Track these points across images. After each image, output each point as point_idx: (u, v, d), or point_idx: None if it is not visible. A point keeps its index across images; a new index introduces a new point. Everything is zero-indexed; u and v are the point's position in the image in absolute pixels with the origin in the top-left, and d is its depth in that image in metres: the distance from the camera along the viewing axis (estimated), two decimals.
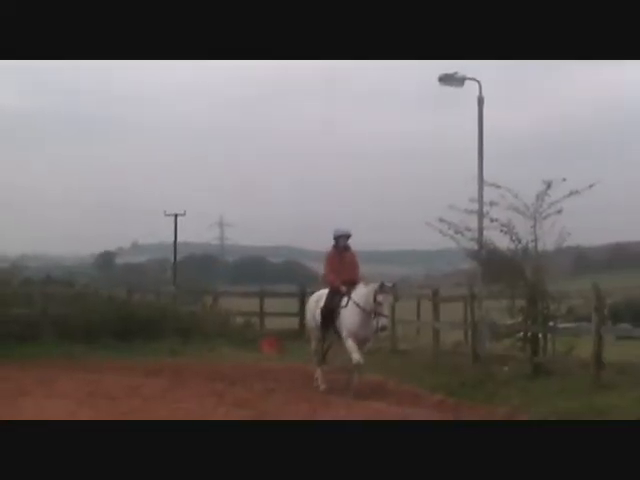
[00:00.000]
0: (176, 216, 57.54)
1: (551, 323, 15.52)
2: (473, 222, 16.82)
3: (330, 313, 14.69)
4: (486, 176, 17.37)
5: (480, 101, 18.68)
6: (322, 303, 15.00)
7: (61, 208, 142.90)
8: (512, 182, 16.23)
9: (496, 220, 16.03)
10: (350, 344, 14.24)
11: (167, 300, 25.58)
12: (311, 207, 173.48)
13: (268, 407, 12.34)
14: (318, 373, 15.14)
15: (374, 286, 14.12)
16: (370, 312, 14.06)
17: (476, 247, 16.90)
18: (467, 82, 18.68)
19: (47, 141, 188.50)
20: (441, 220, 16.03)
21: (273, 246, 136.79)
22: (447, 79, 18.61)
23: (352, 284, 14.61)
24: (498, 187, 15.84)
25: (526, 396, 13.13)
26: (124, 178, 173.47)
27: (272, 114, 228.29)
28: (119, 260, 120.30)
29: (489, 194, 16.51)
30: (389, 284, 14.37)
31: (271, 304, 26.19)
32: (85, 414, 11.29)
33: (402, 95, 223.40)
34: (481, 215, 16.79)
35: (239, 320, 24.57)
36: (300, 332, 23.93)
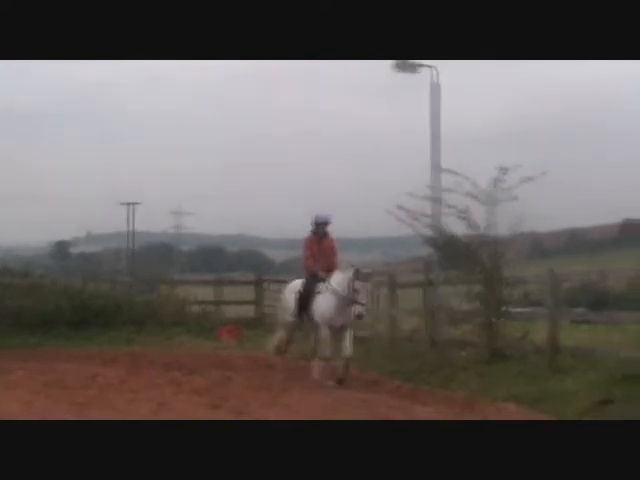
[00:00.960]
0: (131, 205, 57.20)
1: (504, 308, 15.60)
2: (430, 209, 16.88)
3: (306, 299, 14.52)
4: (446, 163, 17.44)
5: (435, 87, 18.74)
6: (299, 290, 14.83)
7: (16, 198, 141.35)
8: (474, 169, 16.34)
9: (453, 207, 16.09)
10: (323, 333, 14.15)
11: (123, 289, 25.44)
12: (265, 194, 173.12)
13: (226, 394, 12.30)
14: (279, 361, 15.20)
15: (350, 272, 13.97)
16: (347, 299, 13.87)
17: (433, 233, 16.95)
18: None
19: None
20: (399, 207, 16.03)
21: (230, 234, 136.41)
22: (402, 66, 18.63)
23: (330, 271, 14.48)
24: (455, 174, 15.89)
25: (484, 381, 13.23)
26: (79, 166, 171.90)
27: (226, 98, 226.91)
28: (74, 250, 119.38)
29: (447, 181, 16.57)
30: (366, 270, 14.27)
31: (228, 292, 26.13)
32: (41, 404, 11.19)
33: (359, 81, 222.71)
34: (438, 201, 16.83)
35: (196, 308, 24.48)
36: (257, 320, 23.93)
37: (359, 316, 13.91)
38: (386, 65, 18.95)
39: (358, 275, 13.81)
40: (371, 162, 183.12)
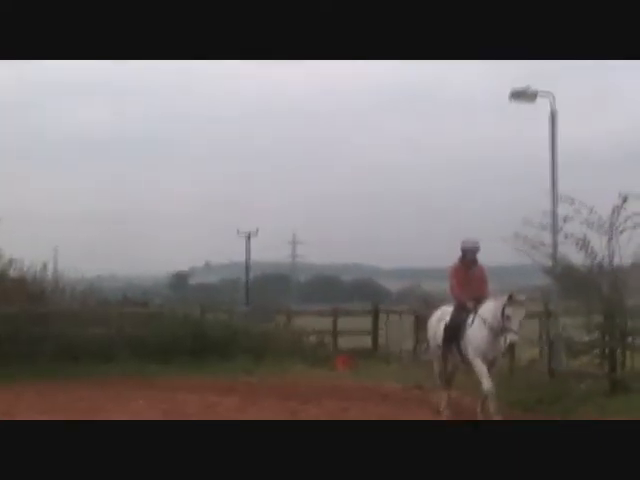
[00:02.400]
0: (249, 235, 57.79)
1: (629, 339, 15.22)
2: (547, 237, 16.61)
3: (455, 331, 13.62)
4: (561, 190, 17.16)
5: (553, 115, 18.48)
6: (446, 320, 13.94)
7: (134, 228, 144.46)
8: (588, 195, 16.02)
9: (571, 235, 15.81)
10: (479, 367, 13.10)
11: (240, 319, 25.70)
12: (380, 223, 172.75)
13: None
14: (441, 397, 14.17)
15: (503, 299, 12.97)
16: (498, 329, 12.95)
17: (551, 263, 16.67)
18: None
19: (124, 163, 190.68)
20: (516, 235, 15.81)
21: (345, 263, 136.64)
22: (519, 95, 18.43)
23: (480, 300, 13.52)
24: (572, 202, 15.62)
25: (604, 413, 12.89)
26: (195, 197, 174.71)
27: (340, 126, 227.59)
28: (192, 280, 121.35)
29: (564, 208, 16.29)
30: (521, 296, 13.29)
31: (344, 322, 26.14)
32: None
33: (472, 103, 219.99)
34: (555, 230, 16.56)
35: (312, 339, 24.56)
36: (373, 350, 23.89)
37: (511, 345, 13.20)
38: (504, 92, 18.82)
39: (511, 301, 12.82)
40: (487, 186, 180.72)
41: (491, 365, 13.22)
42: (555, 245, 16.66)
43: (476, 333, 13.26)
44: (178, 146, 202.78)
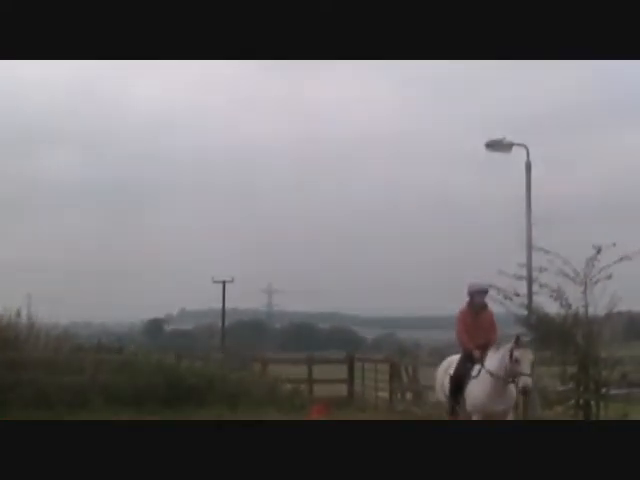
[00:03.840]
0: (224, 283, 57.64)
1: (604, 389, 15.28)
2: (522, 287, 16.70)
3: (459, 382, 12.86)
4: (539, 241, 17.29)
5: (528, 167, 18.70)
6: (452, 371, 13.20)
7: (109, 275, 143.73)
8: (561, 246, 16.17)
9: (546, 285, 15.92)
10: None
11: (215, 366, 25.58)
12: (359, 270, 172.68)
13: None
14: None
15: (510, 344, 12.25)
16: (507, 378, 12.17)
17: (525, 313, 16.75)
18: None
19: (93, 208, 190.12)
20: (490, 285, 15.88)
21: (321, 312, 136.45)
22: (494, 145, 18.68)
23: (487, 348, 12.79)
24: (547, 252, 15.76)
25: None
26: (170, 243, 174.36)
27: (321, 170, 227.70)
28: (168, 327, 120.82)
29: (538, 259, 16.43)
30: (526, 338, 12.95)
31: (319, 370, 26.07)
32: None
33: (446, 156, 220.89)
34: (530, 280, 16.67)
35: (288, 387, 24.47)
36: (349, 399, 23.83)
37: (524, 390, 12.06)
38: (477, 142, 19.12)
39: (519, 344, 12.17)
40: (461, 237, 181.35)
41: (501, 418, 12.36)
42: (530, 295, 16.77)
43: (478, 386, 12.54)
44: (148, 192, 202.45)
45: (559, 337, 16.00)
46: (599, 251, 15.24)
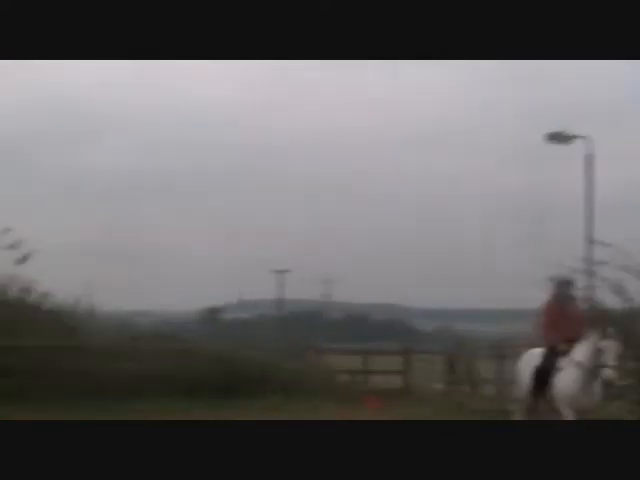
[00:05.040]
0: (282, 272, 57.79)
1: None
2: (583, 282, 16.43)
3: (544, 377, 12.32)
4: (600, 235, 17.04)
5: (589, 159, 18.40)
6: (535, 365, 12.64)
7: (168, 263, 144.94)
8: (621, 238, 15.90)
9: (607, 280, 15.66)
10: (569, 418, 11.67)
11: (271, 356, 25.62)
12: (417, 262, 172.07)
13: None
14: None
15: (596, 336, 11.85)
16: (594, 370, 11.72)
17: (585, 307, 16.50)
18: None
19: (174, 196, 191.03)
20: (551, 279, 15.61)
21: (378, 303, 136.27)
22: (555, 137, 18.38)
23: (573, 342, 12.17)
24: (608, 246, 15.49)
25: None
26: (232, 233, 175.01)
27: (376, 162, 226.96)
28: (225, 316, 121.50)
29: (601, 253, 16.15)
30: (612, 330, 12.31)
31: (374, 362, 25.98)
32: None
33: (500, 148, 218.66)
34: (591, 274, 16.42)
35: (342, 377, 24.43)
36: (404, 391, 23.72)
37: (608, 381, 11.74)
38: (538, 135, 18.77)
39: (605, 333, 11.85)
40: (518, 229, 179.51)
41: (584, 414, 11.85)
42: (590, 289, 16.52)
43: (567, 380, 11.98)
44: (204, 179, 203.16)
45: (619, 332, 15.71)
46: None
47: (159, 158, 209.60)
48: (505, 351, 20.70)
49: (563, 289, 12.85)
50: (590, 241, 17.19)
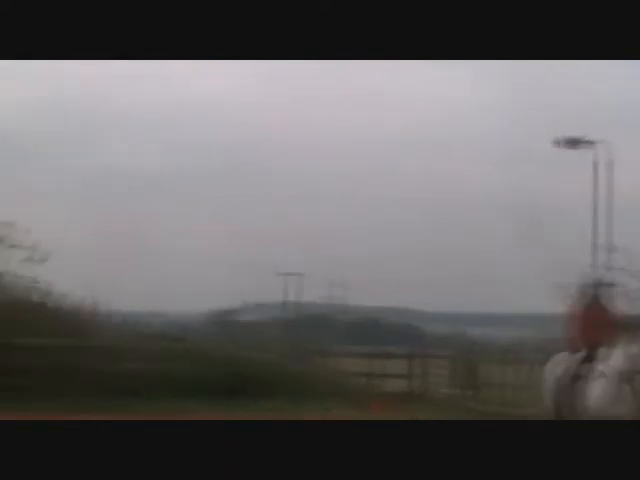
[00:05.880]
0: (292, 275, 57.81)
1: None
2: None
3: (573, 384, 11.27)
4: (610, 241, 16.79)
5: (610, 165, 18.07)
6: (561, 372, 11.57)
7: (176, 262, 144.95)
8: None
9: (623, 286, 15.37)
10: None
11: (278, 358, 25.47)
12: (426, 267, 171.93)
13: None
14: None
15: (630, 341, 10.83)
16: (630, 377, 10.57)
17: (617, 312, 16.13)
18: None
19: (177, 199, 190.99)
20: (561, 286, 15.21)
21: (389, 307, 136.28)
22: (572, 142, 18.06)
23: (604, 346, 11.14)
24: (622, 253, 15.23)
25: None
26: (240, 236, 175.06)
27: (386, 158, 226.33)
28: (233, 317, 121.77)
29: (614, 260, 15.92)
30: None
31: (383, 365, 25.81)
32: None
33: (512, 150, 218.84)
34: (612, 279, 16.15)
35: (350, 381, 24.26)
36: (412, 395, 23.51)
37: None
38: (547, 139, 18.55)
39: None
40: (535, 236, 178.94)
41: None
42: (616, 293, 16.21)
43: (600, 388, 10.95)
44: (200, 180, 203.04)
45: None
46: None
47: (166, 157, 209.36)
48: (520, 356, 20.44)
49: (595, 292, 11.82)
50: (610, 248, 16.85)
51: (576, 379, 11.06)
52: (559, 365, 11.58)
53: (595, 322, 11.33)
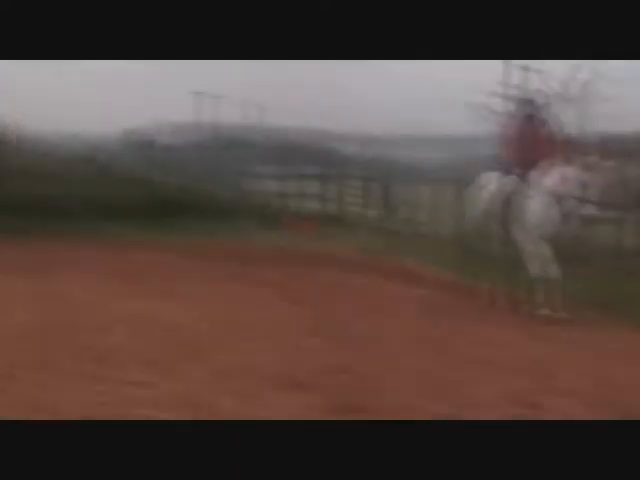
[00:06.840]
0: (205, 95, 56.82)
1: None
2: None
3: (505, 206, 11.01)
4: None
5: None
6: (493, 191, 11.32)
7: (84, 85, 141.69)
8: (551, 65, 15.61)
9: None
10: (544, 249, 10.45)
11: (202, 182, 25.44)
12: (343, 90, 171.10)
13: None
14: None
15: (577, 162, 10.51)
16: (570, 203, 10.25)
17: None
18: None
19: None
20: (468, 104, 15.26)
21: (304, 127, 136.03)
22: None
23: (542, 166, 10.74)
24: (527, 70, 15.25)
25: None
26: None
27: None
28: (143, 138, 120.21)
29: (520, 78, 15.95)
30: (595, 160, 10.70)
31: (305, 188, 26.02)
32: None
33: None
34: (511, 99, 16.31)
35: (274, 202, 24.44)
36: (337, 217, 23.76)
37: (587, 220, 10.91)
38: None
39: (590, 164, 10.37)
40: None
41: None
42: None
43: (538, 207, 10.64)
44: None
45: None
46: (579, 68, 14.75)
47: None
48: (441, 177, 20.68)
49: (527, 108, 11.48)
50: (509, 65, 16.85)
51: (509, 198, 10.93)
52: (490, 184, 11.48)
53: (530, 143, 11.00)
